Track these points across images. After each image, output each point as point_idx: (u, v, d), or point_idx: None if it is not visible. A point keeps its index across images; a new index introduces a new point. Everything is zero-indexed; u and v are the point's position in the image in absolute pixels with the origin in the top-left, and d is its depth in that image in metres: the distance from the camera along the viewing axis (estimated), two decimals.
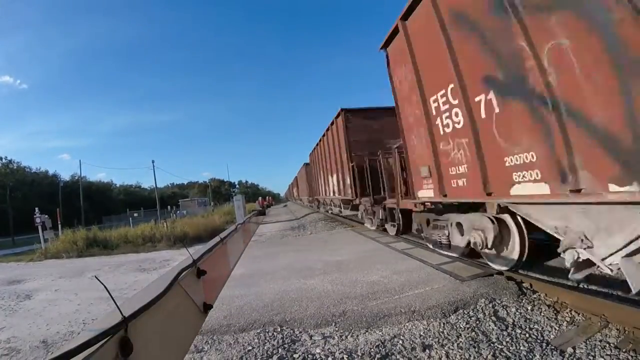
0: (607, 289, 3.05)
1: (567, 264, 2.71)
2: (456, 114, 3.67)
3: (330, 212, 14.43)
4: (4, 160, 48.11)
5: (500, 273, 3.70)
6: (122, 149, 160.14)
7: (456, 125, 3.70)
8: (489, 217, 3.60)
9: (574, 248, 2.61)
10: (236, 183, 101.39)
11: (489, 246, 3.62)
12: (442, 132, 3.99)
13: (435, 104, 4.05)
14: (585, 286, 3.20)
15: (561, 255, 2.78)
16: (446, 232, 4.46)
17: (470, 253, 4.24)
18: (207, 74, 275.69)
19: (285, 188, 72.76)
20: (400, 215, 6.45)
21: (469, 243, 3.98)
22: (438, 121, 4.04)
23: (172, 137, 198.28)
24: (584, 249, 2.52)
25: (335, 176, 10.75)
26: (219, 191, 75.89)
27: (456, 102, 3.64)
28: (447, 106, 3.83)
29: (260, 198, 30.13)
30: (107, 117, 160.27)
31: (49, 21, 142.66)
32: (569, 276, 2.77)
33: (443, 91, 3.85)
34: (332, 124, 10.21)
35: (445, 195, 4.10)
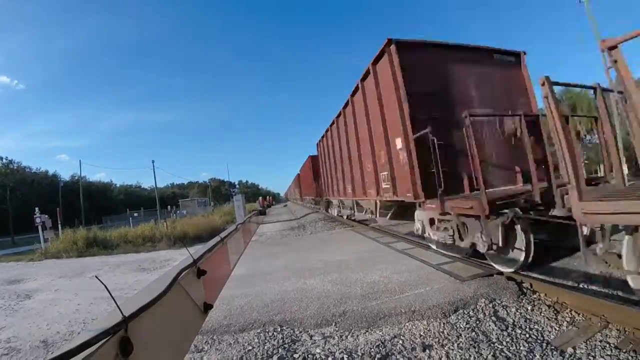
0: (607, 289, 3.05)
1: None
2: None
3: (351, 218, 10.21)
4: (4, 160, 48.09)
5: (500, 273, 3.70)
6: (122, 149, 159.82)
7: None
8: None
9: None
10: (236, 183, 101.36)
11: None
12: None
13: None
14: (585, 286, 3.20)
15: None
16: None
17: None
18: (208, 73, 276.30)
19: (285, 188, 72.73)
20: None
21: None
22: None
23: (172, 137, 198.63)
24: None
25: (371, 164, 6.29)
26: (219, 191, 75.86)
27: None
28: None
29: (260, 198, 30.25)
30: (107, 117, 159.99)
31: (46, 20, 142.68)
32: None
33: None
34: (366, 76, 6.02)
35: None
